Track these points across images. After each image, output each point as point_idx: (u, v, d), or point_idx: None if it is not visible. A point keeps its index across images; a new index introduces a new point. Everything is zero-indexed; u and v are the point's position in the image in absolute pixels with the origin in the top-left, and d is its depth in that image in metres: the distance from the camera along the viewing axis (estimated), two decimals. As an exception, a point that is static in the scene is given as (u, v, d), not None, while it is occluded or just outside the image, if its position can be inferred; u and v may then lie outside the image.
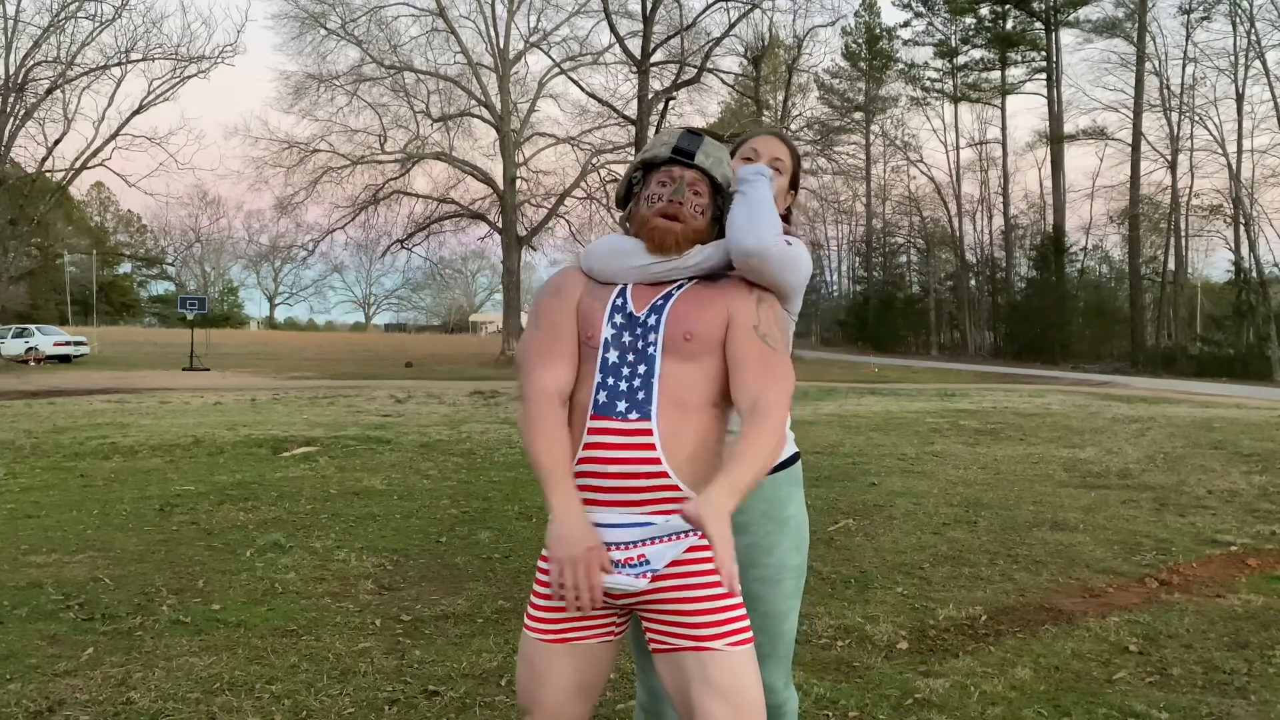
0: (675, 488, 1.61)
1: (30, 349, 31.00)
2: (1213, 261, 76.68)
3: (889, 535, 5.64)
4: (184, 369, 27.42)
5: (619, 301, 1.73)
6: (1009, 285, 51.71)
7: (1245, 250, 37.23)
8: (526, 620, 1.71)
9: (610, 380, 1.67)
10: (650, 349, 1.67)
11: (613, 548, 1.61)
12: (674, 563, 1.62)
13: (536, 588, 1.71)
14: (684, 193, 1.74)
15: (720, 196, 1.80)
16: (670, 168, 1.77)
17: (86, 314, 71.09)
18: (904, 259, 61.71)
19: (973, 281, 55.51)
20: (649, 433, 1.62)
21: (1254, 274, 36.85)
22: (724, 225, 1.79)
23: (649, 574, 1.61)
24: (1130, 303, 43.61)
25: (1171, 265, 43.89)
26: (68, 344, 32.15)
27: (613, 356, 1.68)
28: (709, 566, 1.63)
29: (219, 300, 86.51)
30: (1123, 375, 33.93)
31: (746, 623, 1.65)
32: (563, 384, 1.70)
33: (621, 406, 1.64)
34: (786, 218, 2.08)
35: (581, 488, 1.63)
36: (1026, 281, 50.89)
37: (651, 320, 1.70)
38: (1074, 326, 45.68)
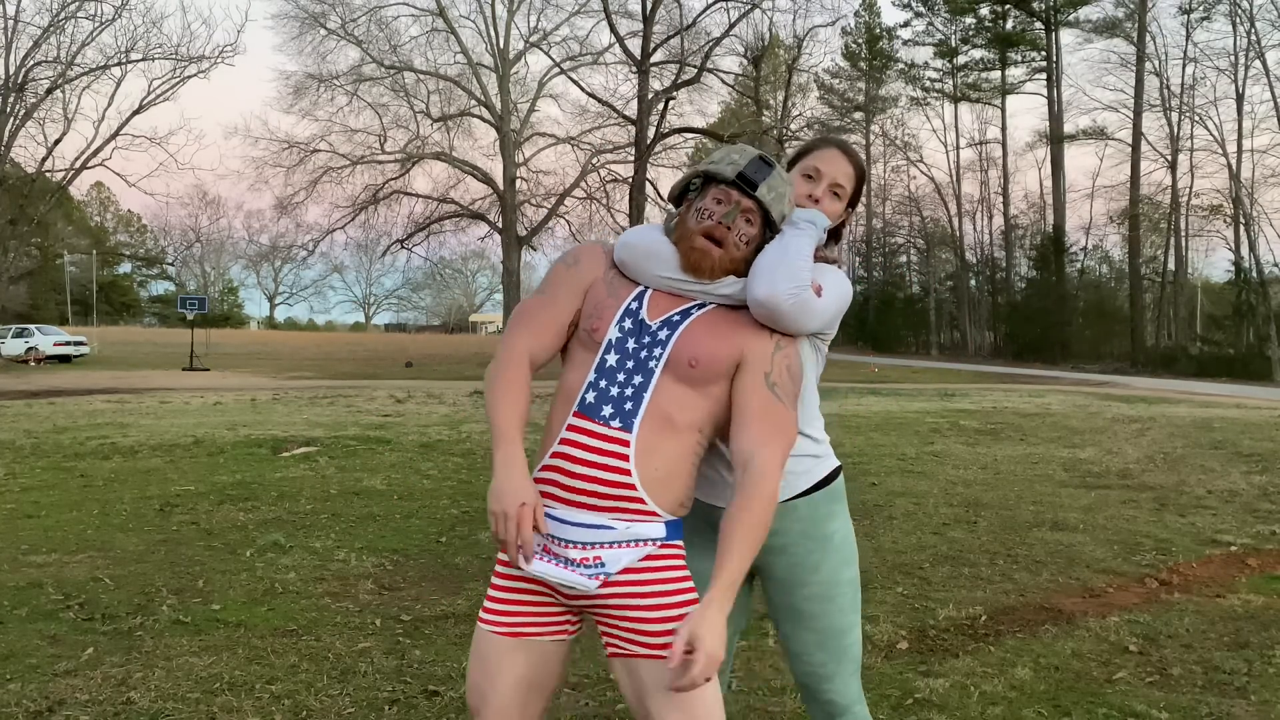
0: (641, 500, 1.61)
1: (30, 349, 30.98)
2: (1213, 261, 76.57)
3: (889, 535, 5.64)
4: (184, 369, 27.40)
5: (634, 305, 1.71)
6: (1009, 285, 51.72)
7: (1245, 250, 37.27)
8: (481, 614, 1.71)
9: (603, 383, 1.65)
10: (652, 363, 1.65)
11: (569, 545, 1.61)
12: (627, 569, 1.61)
13: (494, 579, 1.71)
14: (735, 217, 1.71)
15: (770, 231, 1.76)
16: (731, 189, 1.73)
17: (86, 314, 71.14)
18: (904, 259, 61.75)
19: (973, 281, 55.53)
20: (626, 444, 1.60)
21: (1254, 274, 36.87)
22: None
23: (602, 576, 1.61)
24: (1130, 303, 43.64)
25: (1171, 265, 43.98)
26: (68, 344, 32.12)
27: (612, 360, 1.66)
28: (664, 576, 1.63)
29: (219, 300, 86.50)
30: (1123, 375, 33.93)
31: None
32: (538, 350, 1.72)
33: (606, 411, 1.62)
34: (838, 234, 2.02)
35: (547, 481, 1.63)
36: (1026, 281, 50.92)
37: (662, 334, 1.68)
38: (1074, 326, 45.69)
